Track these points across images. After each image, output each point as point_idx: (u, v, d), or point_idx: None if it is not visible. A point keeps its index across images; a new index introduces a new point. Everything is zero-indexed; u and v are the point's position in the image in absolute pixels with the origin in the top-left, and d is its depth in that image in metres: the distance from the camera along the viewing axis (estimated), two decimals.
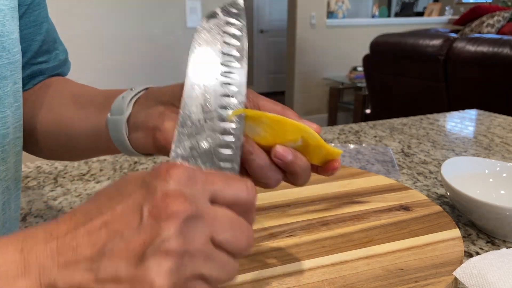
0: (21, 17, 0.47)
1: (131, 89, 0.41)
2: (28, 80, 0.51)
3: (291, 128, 0.34)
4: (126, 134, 0.40)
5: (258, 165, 0.34)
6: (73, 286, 0.23)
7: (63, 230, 0.24)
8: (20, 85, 0.43)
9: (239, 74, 0.35)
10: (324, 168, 0.38)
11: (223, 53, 0.35)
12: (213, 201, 0.26)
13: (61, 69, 0.55)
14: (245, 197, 0.27)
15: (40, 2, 0.50)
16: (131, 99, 0.40)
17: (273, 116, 0.34)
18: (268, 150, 0.35)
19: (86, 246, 0.23)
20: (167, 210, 0.23)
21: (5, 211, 0.44)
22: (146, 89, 0.41)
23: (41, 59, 0.52)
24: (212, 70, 0.35)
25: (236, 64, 0.35)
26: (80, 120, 0.45)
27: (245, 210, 0.27)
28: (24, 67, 0.49)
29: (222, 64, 0.35)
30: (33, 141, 0.50)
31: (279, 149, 0.34)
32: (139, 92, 0.41)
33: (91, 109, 0.45)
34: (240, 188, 0.27)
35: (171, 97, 0.38)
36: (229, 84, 0.34)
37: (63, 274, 0.23)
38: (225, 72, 0.35)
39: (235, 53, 0.35)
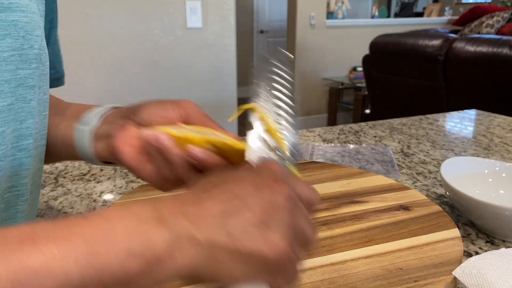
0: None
1: (101, 106, 0.47)
2: None
3: (195, 138, 0.39)
4: (88, 142, 0.45)
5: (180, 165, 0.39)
6: (209, 238, 0.27)
7: (189, 199, 0.29)
8: (48, 95, 0.46)
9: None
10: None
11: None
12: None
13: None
14: (315, 199, 0.34)
15: (52, 27, 0.52)
16: (99, 114, 0.46)
17: (177, 134, 0.39)
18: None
19: (214, 212, 0.28)
20: (282, 192, 0.30)
21: (28, 215, 0.46)
22: (116, 108, 0.47)
23: None
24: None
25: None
26: (51, 127, 0.49)
27: (312, 209, 0.33)
28: None
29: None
30: None
31: (193, 149, 0.38)
32: (109, 110, 0.46)
33: (62, 118, 0.50)
34: (312, 191, 0.34)
35: (131, 113, 0.43)
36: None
37: (199, 229, 0.27)
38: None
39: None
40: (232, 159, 0.40)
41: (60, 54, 0.56)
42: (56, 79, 0.56)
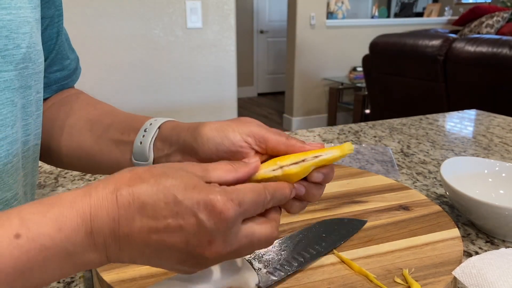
0: (44, 30, 0.48)
1: (145, 131, 0.43)
2: (43, 89, 0.52)
3: (297, 171, 0.36)
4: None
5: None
6: (131, 259, 0.31)
7: (128, 226, 0.29)
8: (42, 94, 0.44)
9: None
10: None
11: None
12: None
13: (72, 77, 0.56)
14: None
15: (60, 13, 0.51)
16: (149, 144, 0.42)
17: (282, 174, 0.36)
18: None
19: (146, 245, 0.30)
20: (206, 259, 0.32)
21: None
22: (158, 127, 0.43)
23: (55, 68, 0.52)
24: None
25: None
26: (101, 153, 0.47)
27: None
28: None
29: None
30: (54, 158, 0.52)
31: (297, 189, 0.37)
32: (153, 135, 0.43)
33: (109, 142, 0.46)
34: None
35: (189, 148, 0.39)
36: None
37: (123, 255, 0.30)
38: None
39: None
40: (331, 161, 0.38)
41: (69, 41, 0.55)
42: (74, 69, 0.55)
